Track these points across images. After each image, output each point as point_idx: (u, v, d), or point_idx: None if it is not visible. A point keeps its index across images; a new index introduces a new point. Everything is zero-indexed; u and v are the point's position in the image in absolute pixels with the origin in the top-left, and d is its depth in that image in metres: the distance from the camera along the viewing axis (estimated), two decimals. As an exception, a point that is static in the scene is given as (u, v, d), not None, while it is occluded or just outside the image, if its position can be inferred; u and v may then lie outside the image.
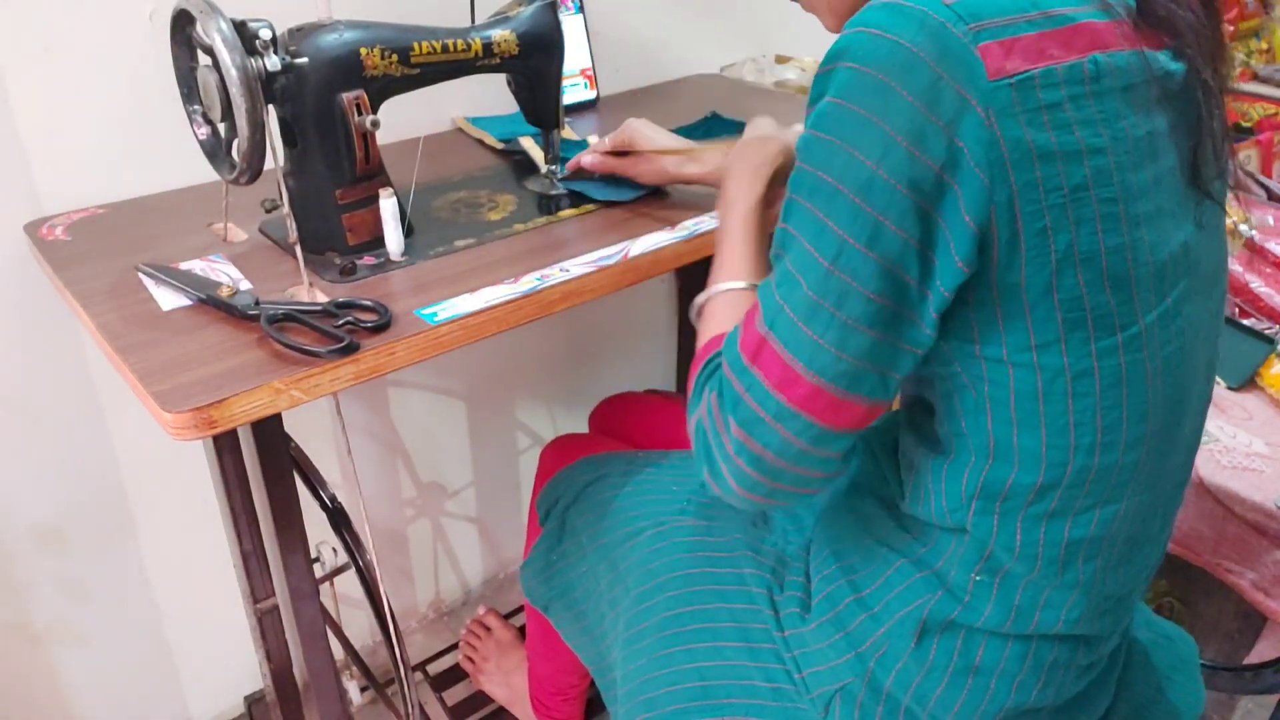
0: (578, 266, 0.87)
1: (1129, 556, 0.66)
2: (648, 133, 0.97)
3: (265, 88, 0.78)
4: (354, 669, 1.25)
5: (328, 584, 1.17)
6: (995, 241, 0.54)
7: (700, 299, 0.75)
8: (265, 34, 0.78)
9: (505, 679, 1.37)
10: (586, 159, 1.00)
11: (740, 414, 0.59)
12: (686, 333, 1.57)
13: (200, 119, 0.84)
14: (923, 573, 0.68)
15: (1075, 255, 0.54)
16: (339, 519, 1.03)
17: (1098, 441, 0.59)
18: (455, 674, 1.46)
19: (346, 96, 0.84)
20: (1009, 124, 0.52)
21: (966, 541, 0.65)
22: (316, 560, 1.02)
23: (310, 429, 1.28)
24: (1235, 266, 1.37)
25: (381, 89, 0.87)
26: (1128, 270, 0.56)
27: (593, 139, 1.19)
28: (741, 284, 0.73)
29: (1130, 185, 0.55)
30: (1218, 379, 1.27)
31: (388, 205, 0.86)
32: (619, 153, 1.00)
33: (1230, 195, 0.66)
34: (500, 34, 0.95)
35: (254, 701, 1.40)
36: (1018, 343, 0.57)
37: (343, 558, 1.08)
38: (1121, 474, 0.61)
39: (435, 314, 0.79)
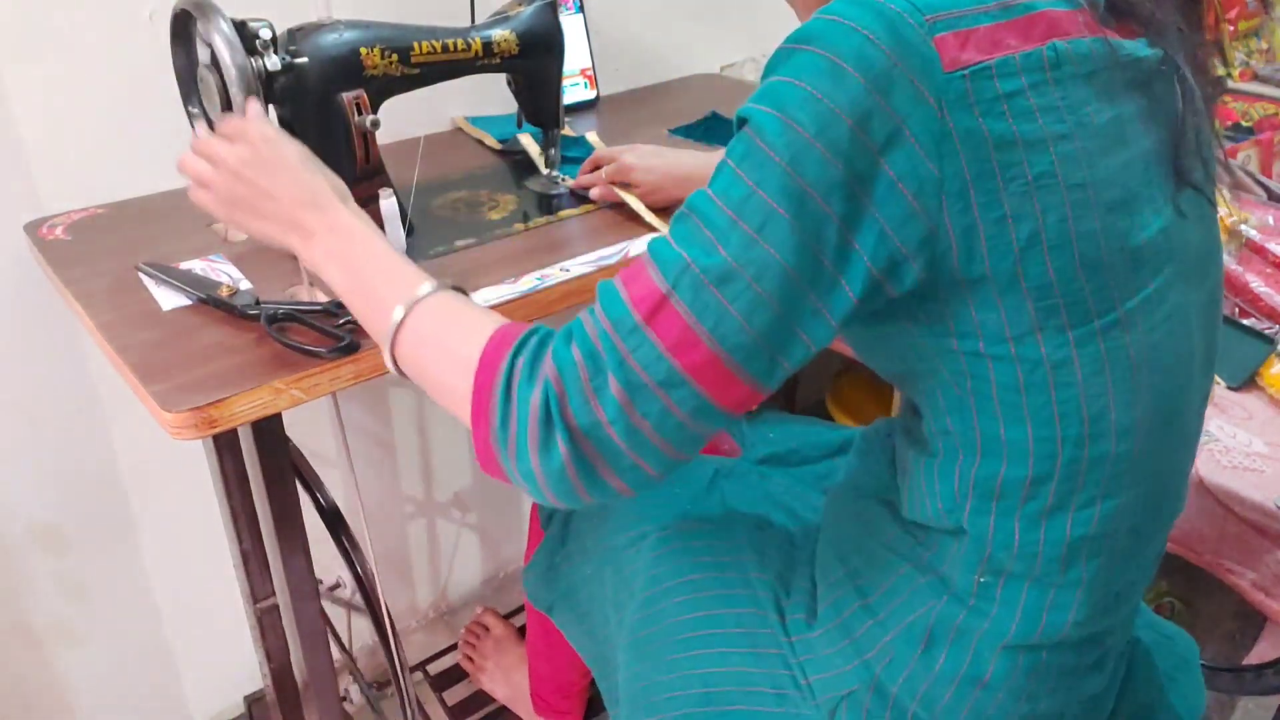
0: (578, 266, 0.87)
1: (1132, 551, 0.65)
2: (640, 168, 0.97)
3: (265, 87, 0.78)
4: (354, 669, 1.25)
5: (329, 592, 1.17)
6: (950, 230, 0.53)
7: (394, 323, 0.63)
8: (265, 34, 0.78)
9: (505, 677, 1.38)
10: (595, 192, 1.01)
11: (625, 377, 0.54)
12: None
13: (200, 119, 0.84)
14: (927, 577, 0.67)
15: (1043, 242, 0.54)
16: (337, 525, 1.02)
17: (1085, 432, 0.59)
18: (455, 674, 1.46)
19: (346, 96, 0.83)
20: (962, 116, 0.52)
21: (966, 542, 0.64)
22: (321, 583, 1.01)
23: (310, 429, 1.28)
24: (1235, 266, 1.37)
25: (381, 89, 0.87)
26: (1101, 256, 0.55)
27: (591, 136, 1.19)
28: (431, 287, 0.64)
29: (1100, 170, 0.55)
30: (1217, 379, 1.27)
31: (388, 205, 0.86)
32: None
33: (1220, 186, 0.65)
34: (500, 34, 0.95)
35: (254, 701, 1.40)
36: (993, 334, 0.57)
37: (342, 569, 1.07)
38: (1116, 464, 0.60)
39: (435, 314, 0.79)
